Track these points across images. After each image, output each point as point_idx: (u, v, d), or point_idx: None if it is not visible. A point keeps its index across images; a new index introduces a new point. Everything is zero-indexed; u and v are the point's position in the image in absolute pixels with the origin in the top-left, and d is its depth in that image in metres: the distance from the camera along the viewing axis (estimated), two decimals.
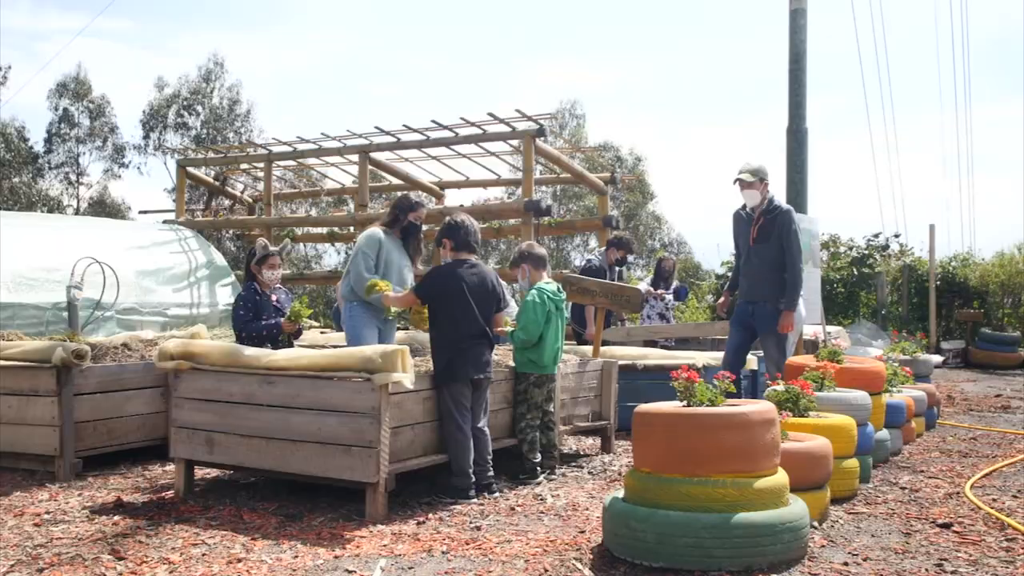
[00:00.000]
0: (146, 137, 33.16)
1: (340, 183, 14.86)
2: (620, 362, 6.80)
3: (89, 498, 4.97)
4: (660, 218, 35.62)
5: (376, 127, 11.65)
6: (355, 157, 12.75)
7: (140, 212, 16.00)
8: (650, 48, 53.88)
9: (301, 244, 20.31)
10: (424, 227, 6.48)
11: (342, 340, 8.23)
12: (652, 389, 7.18)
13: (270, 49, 47.83)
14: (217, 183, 14.57)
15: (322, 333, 10.10)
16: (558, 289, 5.60)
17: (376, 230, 6.22)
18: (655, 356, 7.74)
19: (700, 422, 3.70)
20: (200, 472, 5.42)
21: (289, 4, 51.13)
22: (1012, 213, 45.22)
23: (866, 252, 17.38)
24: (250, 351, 4.77)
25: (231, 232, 21.68)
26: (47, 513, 4.62)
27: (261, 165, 13.53)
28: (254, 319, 5.81)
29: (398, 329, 6.49)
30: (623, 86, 50.33)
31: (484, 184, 14.36)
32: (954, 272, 17.22)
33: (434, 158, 13.18)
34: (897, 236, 17.80)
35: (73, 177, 33.75)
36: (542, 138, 11.11)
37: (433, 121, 11.31)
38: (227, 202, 15.16)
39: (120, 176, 33.79)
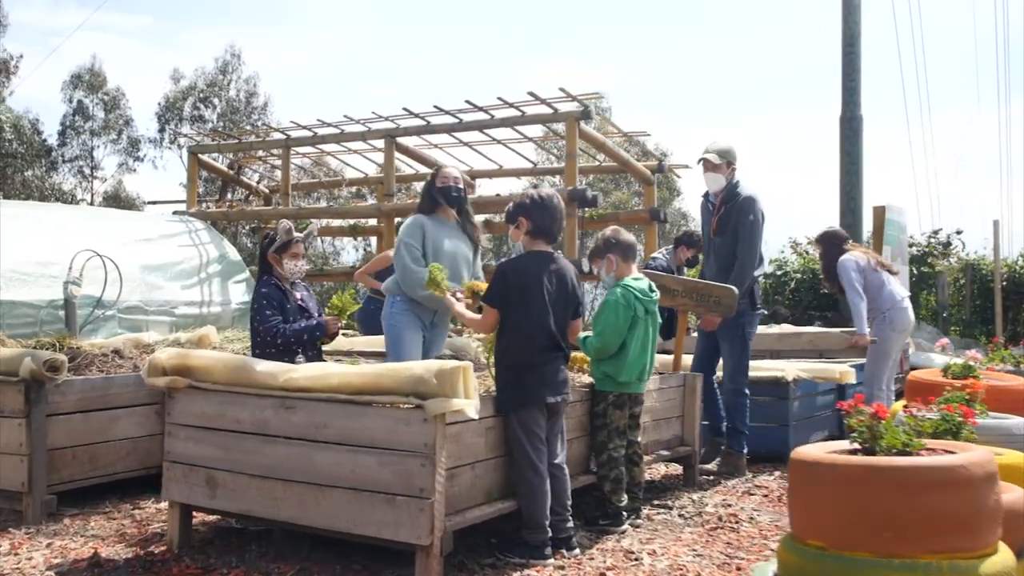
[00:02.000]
0: (161, 130, 32.43)
1: (363, 172, 13.79)
2: None
3: (59, 550, 3.91)
4: (687, 215, 34.48)
5: (404, 108, 10.58)
6: (380, 143, 11.73)
7: (148, 203, 15.00)
8: (650, 48, 52.94)
9: (319, 239, 19.31)
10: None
11: (370, 345, 7.19)
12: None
13: (271, 48, 47.00)
14: (232, 172, 13.55)
15: (343, 335, 9.04)
16: (649, 288, 4.50)
17: (417, 216, 5.17)
18: None
19: (901, 479, 2.59)
20: (201, 515, 4.34)
21: (289, 4, 50.31)
22: None
23: (926, 249, 16.16)
24: (263, 366, 3.68)
25: (246, 225, 20.56)
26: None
27: (278, 152, 12.51)
28: (283, 320, 4.73)
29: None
30: (623, 86, 49.14)
31: (519, 173, 13.26)
32: (1021, 272, 15.97)
33: (466, 144, 12.11)
34: (959, 233, 16.56)
35: (87, 171, 33.05)
36: (586, 120, 10.03)
37: (467, 102, 10.23)
38: (242, 193, 14.15)
39: (135, 170, 33.08)
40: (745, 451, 5.86)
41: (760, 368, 6.51)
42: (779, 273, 15.65)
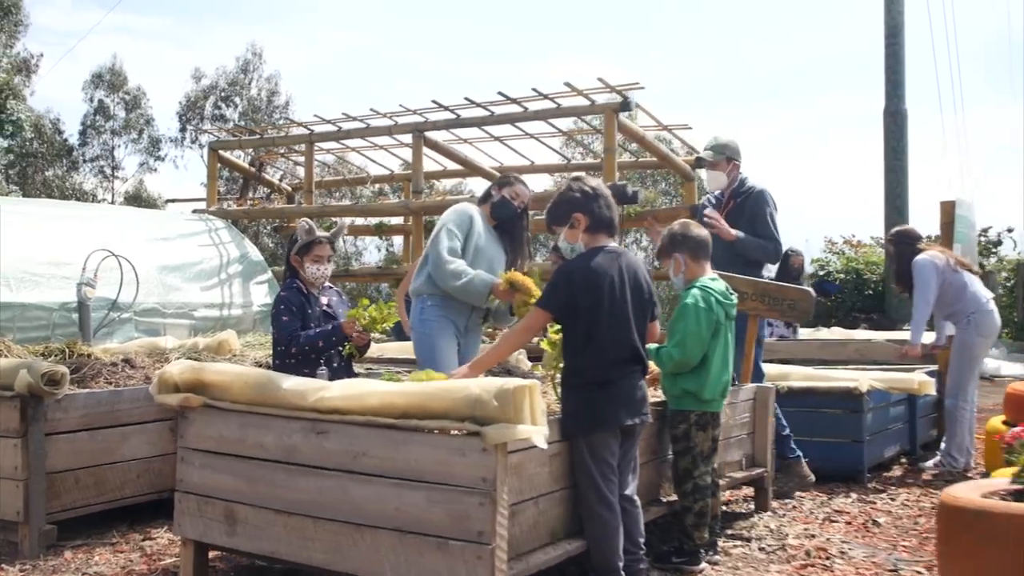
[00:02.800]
0: (182, 130, 32.18)
1: (388, 169, 13.26)
2: None
3: None
4: None
5: (434, 101, 10.06)
6: (407, 137, 11.22)
7: (168, 201, 14.56)
8: (677, 45, 52.17)
9: (341, 238, 18.85)
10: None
11: (403, 351, 6.68)
12: (799, 420, 5.52)
13: (291, 45, 46.70)
14: (253, 168, 13.07)
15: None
16: (727, 290, 3.93)
17: (469, 205, 4.66)
18: (799, 376, 6.03)
19: None
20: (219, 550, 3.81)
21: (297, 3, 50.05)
22: None
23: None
24: (291, 382, 3.15)
25: (268, 224, 20.04)
26: None
27: (301, 149, 12.02)
28: (302, 327, 4.24)
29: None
30: (649, 83, 48.42)
31: (551, 170, 12.71)
32: None
33: (496, 139, 11.58)
34: (1011, 231, 15.85)
35: (108, 171, 32.87)
36: (626, 113, 9.47)
37: (500, 93, 9.69)
38: (263, 191, 13.69)
39: (156, 170, 32.91)
40: (798, 454, 5.31)
41: (830, 378, 5.93)
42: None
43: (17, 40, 27.70)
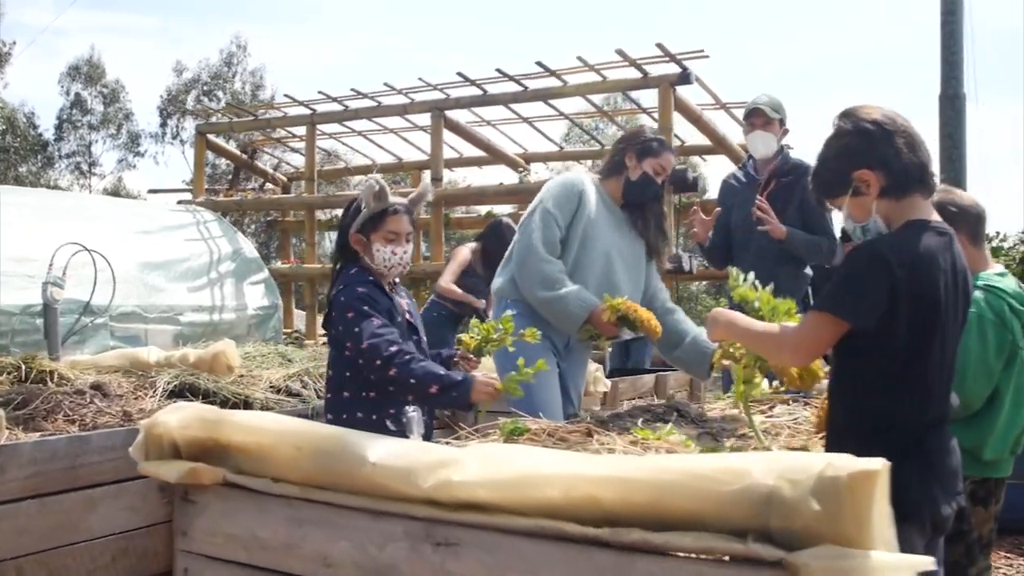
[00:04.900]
0: (163, 124, 30.83)
1: (397, 157, 11.84)
2: None
3: None
4: None
5: (459, 74, 8.70)
6: (421, 119, 9.91)
7: (150, 191, 13.11)
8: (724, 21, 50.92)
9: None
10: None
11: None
12: None
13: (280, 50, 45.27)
14: (245, 156, 11.66)
15: None
16: (1021, 287, 2.60)
17: (578, 175, 3.36)
18: None
19: None
20: None
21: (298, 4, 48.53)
22: None
23: None
24: (386, 449, 1.74)
25: (262, 218, 17.87)
26: None
27: (300, 134, 10.66)
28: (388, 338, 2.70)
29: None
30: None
31: (579, 157, 11.30)
32: None
33: (525, 120, 10.23)
34: None
35: (85, 167, 31.42)
36: (685, 85, 8.18)
37: (538, 63, 8.36)
38: (256, 181, 12.27)
39: (135, 166, 31.60)
40: None
41: None
42: None
43: None
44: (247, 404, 3.65)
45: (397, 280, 2.95)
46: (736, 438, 2.16)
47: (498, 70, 8.44)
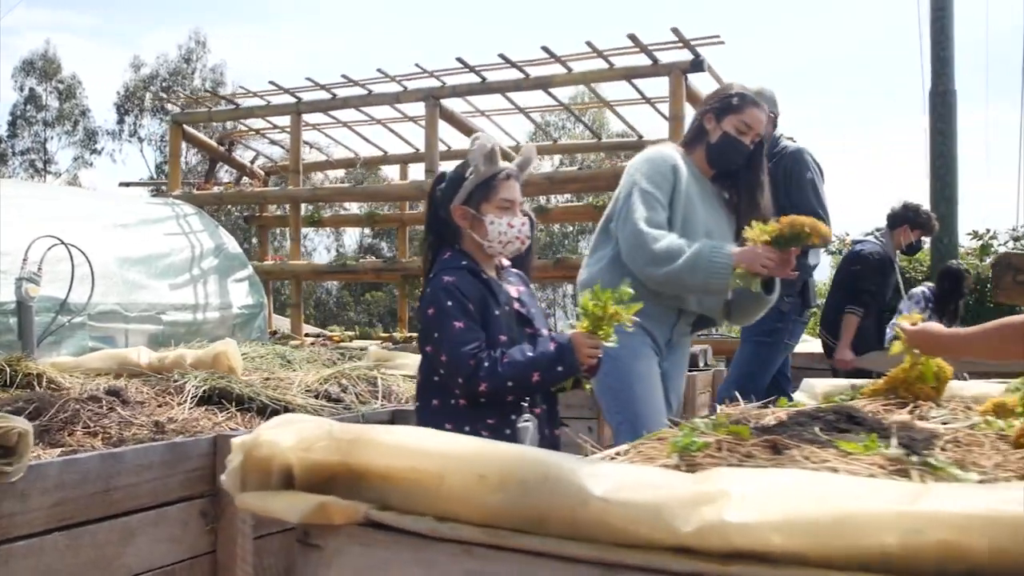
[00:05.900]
0: (120, 121, 29.90)
1: (383, 150, 11.32)
2: None
3: None
4: None
5: (458, 59, 8.26)
6: (413, 109, 9.45)
7: (121, 184, 12.42)
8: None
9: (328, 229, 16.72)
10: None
11: None
12: None
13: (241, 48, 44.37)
14: (223, 148, 11.08)
15: (383, 347, 6.71)
16: None
17: (667, 148, 2.95)
18: None
19: None
20: None
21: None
22: None
23: None
24: (616, 477, 1.22)
25: (243, 212, 16.82)
26: None
27: (285, 123, 10.12)
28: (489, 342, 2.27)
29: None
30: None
31: (577, 149, 10.93)
32: None
33: (522, 111, 9.81)
34: None
35: (40, 164, 30.36)
36: (697, 72, 7.83)
37: (544, 48, 7.96)
38: (233, 174, 11.71)
39: (92, 164, 30.61)
40: None
41: None
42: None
43: None
44: (287, 411, 3.18)
45: (507, 263, 2.48)
46: (940, 450, 1.75)
47: (501, 55, 8.03)
